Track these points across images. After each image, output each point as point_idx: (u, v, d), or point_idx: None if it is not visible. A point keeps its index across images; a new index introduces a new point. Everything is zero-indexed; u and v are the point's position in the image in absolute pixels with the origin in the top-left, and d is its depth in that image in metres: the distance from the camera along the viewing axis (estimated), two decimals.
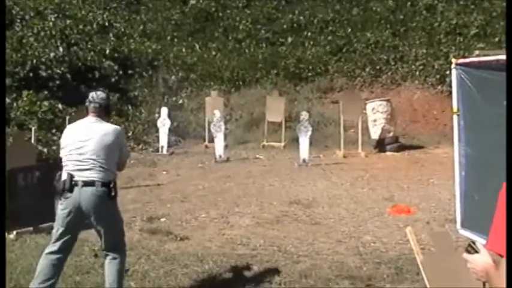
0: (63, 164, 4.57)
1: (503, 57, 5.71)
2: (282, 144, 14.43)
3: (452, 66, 6.50)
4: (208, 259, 5.99)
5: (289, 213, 8.04)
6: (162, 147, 13.62)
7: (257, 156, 13.31)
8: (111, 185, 4.50)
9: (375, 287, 5.29)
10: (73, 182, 4.43)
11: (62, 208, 4.50)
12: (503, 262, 1.87)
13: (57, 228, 4.57)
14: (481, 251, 2.02)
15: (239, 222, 7.61)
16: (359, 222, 7.58)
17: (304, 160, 12.11)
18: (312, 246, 6.52)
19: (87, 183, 4.42)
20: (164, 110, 13.96)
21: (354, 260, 5.98)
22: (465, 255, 2.07)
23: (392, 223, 7.44)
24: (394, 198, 8.93)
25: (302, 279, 5.43)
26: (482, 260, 2.00)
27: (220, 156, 12.56)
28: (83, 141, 4.50)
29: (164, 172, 11.48)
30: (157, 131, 14.77)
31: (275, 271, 5.65)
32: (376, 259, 5.99)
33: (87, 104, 4.65)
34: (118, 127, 4.78)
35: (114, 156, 4.62)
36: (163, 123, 13.75)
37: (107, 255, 4.64)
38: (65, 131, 4.76)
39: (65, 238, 4.57)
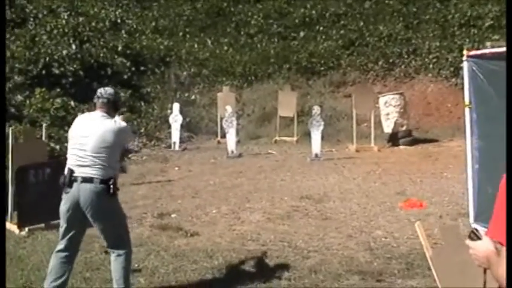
0: (67, 157, 4.59)
1: None
2: (295, 139, 14.38)
3: (464, 58, 6.42)
4: (218, 255, 5.99)
5: (300, 208, 8.01)
6: (174, 143, 13.63)
7: (269, 151, 13.27)
8: (111, 182, 4.48)
9: (385, 282, 5.24)
10: (72, 178, 4.44)
11: (62, 204, 4.52)
12: (504, 250, 1.91)
13: (62, 225, 4.60)
14: (484, 238, 2.04)
15: (250, 217, 7.59)
16: (370, 216, 7.53)
17: (316, 155, 12.06)
18: (322, 241, 6.48)
19: (86, 180, 4.42)
20: (176, 106, 13.96)
21: (364, 255, 5.94)
22: (468, 241, 2.10)
23: (404, 217, 7.38)
24: (406, 193, 8.85)
25: (312, 275, 5.40)
26: (484, 246, 2.03)
27: (232, 152, 12.54)
28: (84, 136, 4.49)
29: (176, 168, 11.49)
30: (169, 127, 14.78)
31: (285, 266, 5.63)
32: (386, 254, 5.94)
33: (95, 99, 4.66)
34: (123, 124, 4.73)
35: (115, 154, 4.62)
36: (175, 119, 13.75)
37: (112, 252, 4.64)
38: (73, 123, 4.76)
39: (70, 235, 4.59)
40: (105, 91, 4.66)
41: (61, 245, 4.64)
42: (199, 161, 12.32)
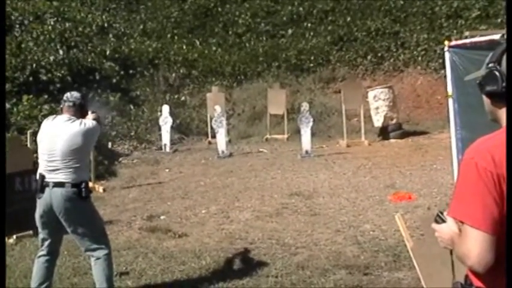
0: (38, 162, 4.57)
1: (496, 37, 5.64)
2: (285, 136, 14.39)
3: (445, 49, 6.43)
4: (205, 255, 5.97)
5: (289, 205, 8.00)
6: (165, 145, 13.61)
7: (260, 149, 13.28)
8: (83, 186, 4.44)
9: (372, 275, 5.25)
10: (44, 183, 4.42)
11: (36, 210, 4.51)
12: (464, 227, 1.95)
13: (39, 231, 4.59)
14: (448, 221, 2.08)
15: (239, 216, 7.59)
16: (359, 211, 7.53)
17: (307, 151, 12.06)
18: (310, 237, 6.48)
19: (57, 184, 4.39)
20: (166, 108, 13.94)
21: (352, 249, 5.95)
22: (433, 225, 2.14)
23: (392, 210, 7.36)
24: (395, 186, 8.87)
25: (299, 271, 5.40)
26: (448, 228, 2.07)
27: (222, 152, 12.53)
28: (52, 141, 4.45)
29: (167, 170, 11.47)
30: (160, 129, 14.77)
31: (272, 264, 5.62)
32: (374, 247, 5.95)
33: (62, 103, 4.63)
34: (90, 125, 4.56)
35: (85, 156, 4.58)
36: (165, 121, 13.74)
37: (91, 256, 4.62)
38: (41, 127, 4.69)
39: (49, 240, 4.59)
40: (71, 95, 4.62)
41: (42, 251, 4.65)
42: (190, 162, 12.31)
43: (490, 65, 2.07)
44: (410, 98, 15.69)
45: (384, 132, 13.68)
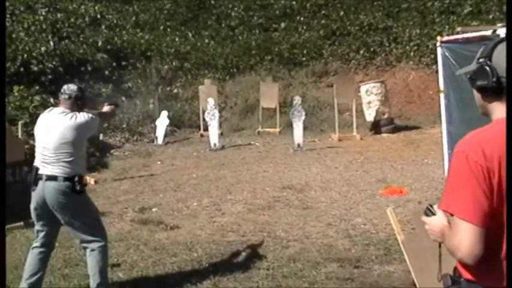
0: (35, 155, 4.56)
1: (487, 33, 5.67)
2: (278, 130, 14.40)
3: (438, 44, 6.45)
4: (197, 247, 5.98)
5: (281, 198, 8.03)
6: (157, 137, 13.57)
7: (252, 142, 13.28)
8: (76, 179, 4.41)
9: (363, 268, 5.27)
10: (38, 176, 4.41)
11: (31, 202, 4.51)
12: (454, 220, 1.98)
13: (35, 223, 4.59)
14: (438, 213, 2.11)
15: (231, 209, 7.60)
16: (351, 204, 7.56)
17: (299, 145, 12.09)
18: (302, 230, 6.50)
19: (50, 178, 4.37)
20: (164, 114, 13.80)
21: (343, 243, 5.97)
22: (423, 218, 2.17)
23: (384, 204, 7.40)
24: (387, 180, 8.91)
25: (290, 264, 5.42)
26: (438, 221, 2.10)
27: (215, 145, 12.53)
28: (46, 134, 4.44)
29: (159, 162, 11.47)
30: (152, 121, 14.77)
31: (264, 257, 5.64)
32: (365, 241, 5.98)
33: (59, 95, 4.62)
34: (82, 119, 4.50)
35: (79, 150, 4.52)
36: (162, 122, 13.67)
37: (86, 248, 4.62)
38: (38, 120, 4.68)
39: (43, 232, 4.58)
40: (68, 87, 4.58)
41: (37, 242, 4.64)
42: (182, 154, 12.31)
43: (481, 60, 2.10)
44: (403, 92, 15.74)
45: (375, 127, 13.72)
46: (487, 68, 2.06)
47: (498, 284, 1.99)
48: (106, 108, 4.96)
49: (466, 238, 1.94)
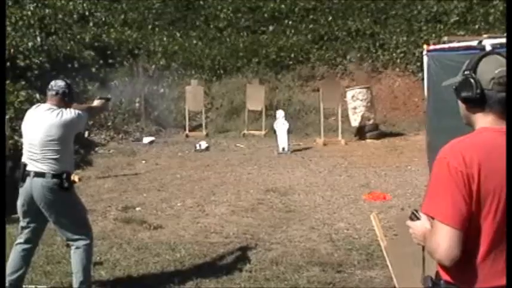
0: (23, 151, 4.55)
1: (473, 43, 5.76)
2: (263, 132, 14.43)
3: (424, 52, 6.54)
4: (180, 248, 6.00)
5: (265, 201, 8.07)
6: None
7: (237, 144, 13.30)
8: (64, 176, 4.42)
9: (345, 273, 5.32)
10: (26, 172, 4.40)
11: (18, 198, 4.50)
12: (435, 223, 2.08)
13: (20, 219, 4.58)
14: (422, 218, 2.20)
15: (214, 210, 7.62)
16: (334, 209, 7.62)
17: (283, 148, 12.13)
18: (285, 233, 6.54)
19: (37, 174, 4.37)
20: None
21: (326, 247, 6.02)
22: (408, 222, 2.27)
23: (367, 210, 7.47)
24: (370, 185, 8.98)
25: (273, 266, 5.45)
26: (421, 225, 2.19)
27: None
28: (33, 131, 4.44)
29: (143, 161, 11.45)
30: (137, 120, 14.74)
31: (247, 259, 5.67)
32: (347, 245, 6.03)
33: (47, 91, 4.61)
34: (68, 116, 4.48)
35: (65, 147, 4.50)
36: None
37: (71, 245, 4.62)
38: (25, 116, 4.67)
39: (29, 229, 4.57)
40: (55, 83, 4.57)
41: (20, 239, 4.63)
42: (166, 154, 12.30)
43: (466, 72, 2.20)
44: (388, 99, 15.85)
45: (360, 132, 13.81)
46: (472, 80, 2.16)
47: (474, 286, 2.09)
48: (97, 103, 4.92)
49: (444, 240, 2.04)
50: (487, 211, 2.07)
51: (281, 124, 12.43)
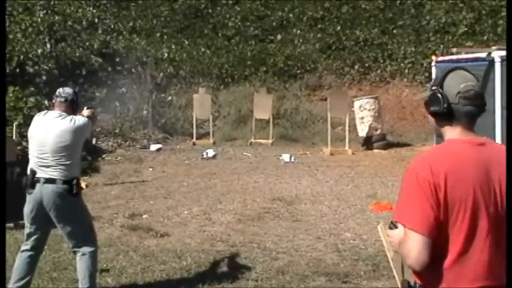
0: (29, 157, 4.57)
1: (482, 54, 5.76)
2: (270, 141, 14.43)
3: (433, 63, 6.54)
4: (186, 256, 6.00)
5: (271, 210, 8.06)
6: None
7: (244, 153, 13.31)
8: (74, 182, 4.46)
9: (351, 283, 5.31)
10: (35, 179, 4.42)
11: (26, 205, 4.52)
12: (405, 230, 2.20)
13: (26, 225, 4.59)
14: (399, 227, 2.29)
15: (221, 218, 7.62)
16: (340, 219, 7.60)
17: (290, 157, 12.15)
18: (291, 243, 6.53)
19: (48, 180, 4.40)
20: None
21: (332, 257, 6.00)
22: (388, 230, 2.40)
23: (373, 220, 7.45)
24: (377, 196, 8.95)
25: (279, 276, 5.45)
26: (398, 233, 2.29)
27: None
28: (43, 137, 4.46)
29: (150, 169, 11.48)
30: (144, 127, 14.78)
31: (253, 268, 5.66)
32: (354, 256, 6.01)
33: (54, 98, 4.63)
34: (80, 122, 4.55)
35: (76, 153, 4.57)
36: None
37: (76, 252, 4.63)
38: (32, 122, 4.68)
39: (35, 236, 4.59)
40: (63, 90, 4.62)
41: (26, 246, 4.64)
42: (173, 162, 12.32)
43: (434, 87, 2.35)
44: (395, 109, 15.84)
45: (367, 142, 13.79)
46: (439, 95, 2.30)
47: None
48: (87, 113, 4.81)
49: (414, 247, 2.16)
50: (454, 218, 2.18)
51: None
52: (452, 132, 2.32)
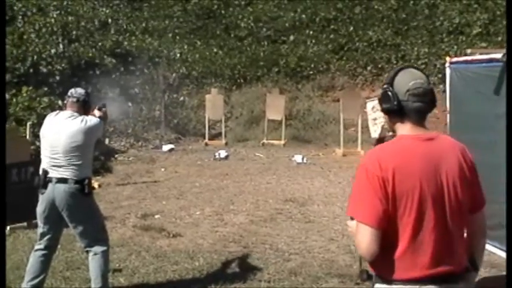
0: (41, 157, 4.58)
1: (497, 55, 5.69)
2: (282, 142, 14.41)
3: (447, 64, 6.48)
4: (199, 256, 6.00)
5: (283, 211, 8.04)
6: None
7: (256, 154, 13.30)
8: (85, 182, 4.47)
9: (364, 285, 5.26)
10: (47, 178, 4.44)
11: (38, 204, 4.54)
12: (357, 223, 2.34)
13: (39, 225, 4.62)
14: None
15: (233, 219, 7.61)
16: None
17: (302, 158, 12.12)
18: (303, 244, 6.51)
19: (60, 180, 4.42)
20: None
21: (345, 259, 5.97)
22: (348, 222, 2.50)
23: None
24: None
25: (291, 277, 5.43)
26: (355, 225, 2.38)
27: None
28: (55, 137, 4.48)
29: (162, 169, 11.50)
30: (157, 128, 14.80)
31: (265, 269, 5.65)
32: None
33: (66, 99, 4.64)
34: (92, 122, 4.57)
35: (88, 153, 4.58)
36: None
37: (88, 251, 4.64)
38: (44, 122, 4.70)
39: (48, 235, 4.61)
40: (75, 91, 4.64)
41: (40, 245, 4.66)
42: (185, 162, 12.33)
43: (385, 86, 2.44)
44: None
45: (380, 143, 13.67)
46: (389, 93, 2.39)
47: (393, 277, 2.31)
48: (98, 113, 4.81)
49: (364, 238, 2.29)
50: (402, 211, 2.27)
51: None
52: (404, 129, 2.41)
